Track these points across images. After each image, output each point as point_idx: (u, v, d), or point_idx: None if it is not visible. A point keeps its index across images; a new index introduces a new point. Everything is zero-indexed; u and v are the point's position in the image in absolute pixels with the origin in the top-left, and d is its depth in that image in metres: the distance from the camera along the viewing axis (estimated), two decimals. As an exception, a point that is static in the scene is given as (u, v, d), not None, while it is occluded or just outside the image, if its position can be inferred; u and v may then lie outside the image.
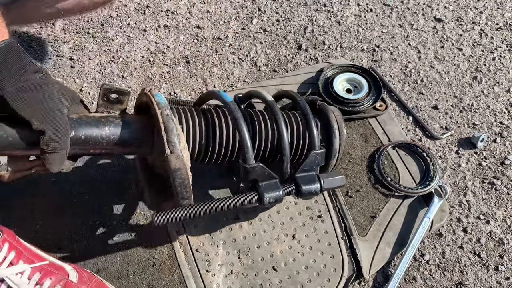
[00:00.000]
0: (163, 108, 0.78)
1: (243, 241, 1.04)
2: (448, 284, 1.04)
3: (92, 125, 0.76)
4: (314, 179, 0.90)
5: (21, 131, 0.68)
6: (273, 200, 0.86)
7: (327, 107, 0.99)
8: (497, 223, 1.12)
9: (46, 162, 0.69)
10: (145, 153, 0.85)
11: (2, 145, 0.69)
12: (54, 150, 0.68)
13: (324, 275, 1.00)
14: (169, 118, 0.77)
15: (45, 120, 0.66)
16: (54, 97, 0.69)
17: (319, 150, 0.91)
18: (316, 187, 0.89)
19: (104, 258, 0.99)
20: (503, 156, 1.23)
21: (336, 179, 0.92)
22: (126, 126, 0.79)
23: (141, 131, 0.81)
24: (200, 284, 0.98)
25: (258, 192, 0.86)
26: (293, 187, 0.89)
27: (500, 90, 1.37)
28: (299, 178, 0.89)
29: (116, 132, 0.78)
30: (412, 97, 1.36)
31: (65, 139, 0.69)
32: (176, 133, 0.76)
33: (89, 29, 1.49)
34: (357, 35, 1.52)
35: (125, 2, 1.57)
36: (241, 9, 1.58)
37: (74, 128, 0.75)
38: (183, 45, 1.47)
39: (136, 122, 0.81)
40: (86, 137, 0.76)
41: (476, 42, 1.50)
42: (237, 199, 0.84)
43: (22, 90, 0.65)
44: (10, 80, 0.64)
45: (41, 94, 0.67)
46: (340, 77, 1.28)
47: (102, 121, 0.78)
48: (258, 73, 1.42)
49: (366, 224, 1.07)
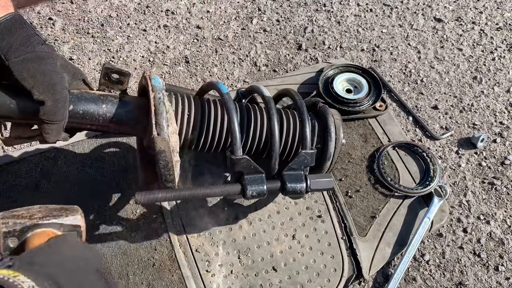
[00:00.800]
0: (156, 91, 0.80)
1: (243, 241, 1.04)
2: (448, 284, 1.04)
3: (91, 101, 0.80)
4: (300, 178, 0.90)
5: (23, 100, 0.72)
6: (255, 194, 0.87)
7: (328, 110, 0.99)
8: (497, 223, 1.12)
9: (44, 131, 0.72)
10: (139, 134, 0.87)
11: (6, 111, 0.72)
12: (52, 121, 0.71)
13: (324, 275, 1.00)
14: (160, 101, 0.79)
15: (46, 91, 0.69)
16: (57, 70, 0.72)
17: (309, 151, 0.91)
18: (302, 187, 0.89)
19: (104, 258, 0.99)
20: (503, 156, 1.23)
21: (323, 181, 0.92)
22: (123, 105, 0.82)
23: (136, 112, 0.83)
24: (200, 284, 0.98)
25: (242, 184, 0.87)
26: (278, 183, 0.90)
27: (500, 90, 1.37)
28: (286, 175, 0.90)
29: (113, 110, 0.81)
30: (412, 97, 1.36)
31: (63, 111, 0.72)
32: (165, 117, 0.79)
33: (89, 29, 1.49)
34: (357, 35, 1.52)
35: (125, 2, 1.57)
36: (241, 9, 1.58)
37: (73, 102, 0.78)
38: (183, 45, 1.47)
39: (133, 102, 0.84)
40: (84, 112, 0.79)
41: (476, 42, 1.50)
42: (220, 189, 0.85)
43: (26, 61, 0.68)
44: (16, 50, 0.67)
45: (44, 67, 0.70)
46: (340, 77, 1.28)
47: (101, 98, 0.81)
48: (258, 73, 1.42)
49: (366, 224, 1.07)
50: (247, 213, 1.07)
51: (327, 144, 0.95)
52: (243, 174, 0.87)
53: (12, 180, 1.09)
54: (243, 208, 1.07)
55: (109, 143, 1.16)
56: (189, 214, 1.06)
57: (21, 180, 1.09)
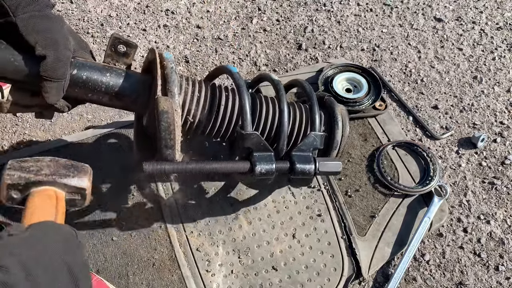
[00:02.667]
0: (168, 62, 0.80)
1: (243, 241, 1.04)
2: (448, 284, 1.04)
3: (95, 69, 0.80)
4: (309, 160, 0.89)
5: (26, 58, 0.72)
6: (264, 172, 0.85)
7: (334, 101, 1.00)
8: (498, 223, 1.12)
9: (44, 90, 0.72)
10: (139, 109, 0.87)
11: (8, 69, 0.72)
12: (52, 77, 0.71)
13: (324, 274, 1.00)
14: (172, 70, 0.80)
15: (48, 46, 0.70)
16: (62, 31, 0.74)
17: (319, 133, 0.91)
18: (311, 168, 0.88)
19: (104, 258, 0.99)
20: (503, 156, 1.23)
21: (332, 164, 0.90)
22: (126, 77, 0.82)
23: (139, 85, 0.83)
24: (200, 284, 0.98)
25: (251, 162, 0.86)
26: (287, 163, 0.88)
27: (500, 90, 1.37)
28: (295, 156, 0.89)
29: (116, 80, 0.81)
30: (412, 97, 1.36)
31: (63, 69, 0.73)
32: (177, 84, 0.79)
33: (89, 29, 1.49)
34: (357, 35, 1.52)
35: (125, 2, 1.57)
36: (241, 9, 1.58)
37: (77, 67, 0.78)
38: (183, 45, 1.47)
39: (138, 77, 0.84)
40: (87, 78, 0.79)
41: (476, 42, 1.49)
42: (229, 164, 0.84)
43: (33, 18, 0.70)
44: (24, 7, 0.69)
45: (50, 25, 0.71)
46: (339, 76, 1.28)
47: (106, 68, 0.81)
48: (258, 73, 1.42)
49: (366, 224, 1.07)
50: (247, 213, 1.07)
51: (334, 132, 0.96)
52: (253, 152, 0.86)
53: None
54: (243, 207, 1.07)
55: (110, 142, 1.16)
56: (188, 213, 1.06)
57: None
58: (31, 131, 1.24)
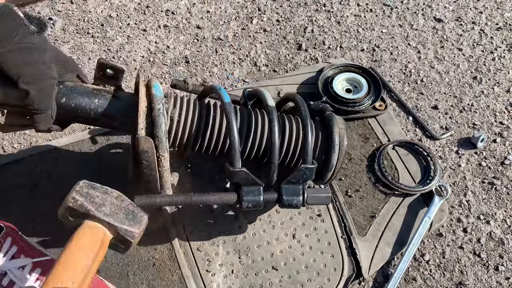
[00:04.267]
0: (156, 102, 0.80)
1: (243, 240, 1.04)
2: (448, 284, 1.04)
3: (84, 94, 0.81)
4: (298, 192, 0.90)
5: (12, 88, 0.73)
6: (251, 206, 0.87)
7: (334, 120, 0.96)
8: (497, 223, 1.12)
9: (33, 121, 0.74)
10: (128, 131, 0.87)
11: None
12: (37, 110, 0.73)
13: (324, 274, 1.00)
14: (160, 113, 0.79)
15: (30, 81, 0.71)
16: (43, 61, 0.73)
17: (310, 165, 0.90)
18: (298, 200, 0.89)
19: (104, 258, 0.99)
20: (503, 156, 1.23)
21: (320, 197, 0.91)
22: (115, 101, 0.83)
23: (129, 109, 0.83)
24: (200, 284, 0.98)
25: (239, 195, 0.87)
26: (275, 195, 0.90)
27: (500, 90, 1.37)
28: (284, 188, 0.90)
29: (105, 105, 0.82)
30: (412, 97, 1.36)
31: (48, 100, 0.73)
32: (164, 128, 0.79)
33: (89, 29, 1.49)
34: (357, 35, 1.52)
35: (125, 2, 1.57)
36: (241, 9, 1.58)
37: (66, 95, 0.79)
38: (183, 45, 1.47)
39: (126, 99, 0.85)
40: (76, 105, 0.80)
41: (476, 42, 1.50)
42: (217, 196, 0.86)
43: (11, 52, 0.70)
44: (2, 41, 0.69)
45: (29, 57, 0.71)
46: (339, 77, 1.28)
47: (94, 92, 0.82)
48: (258, 73, 1.42)
49: (366, 224, 1.07)
50: (247, 213, 1.07)
51: (330, 156, 0.94)
52: (241, 186, 0.88)
53: (11, 180, 1.09)
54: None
55: (109, 144, 1.16)
56: (188, 213, 1.06)
57: (20, 180, 1.09)
58: (31, 131, 1.24)
